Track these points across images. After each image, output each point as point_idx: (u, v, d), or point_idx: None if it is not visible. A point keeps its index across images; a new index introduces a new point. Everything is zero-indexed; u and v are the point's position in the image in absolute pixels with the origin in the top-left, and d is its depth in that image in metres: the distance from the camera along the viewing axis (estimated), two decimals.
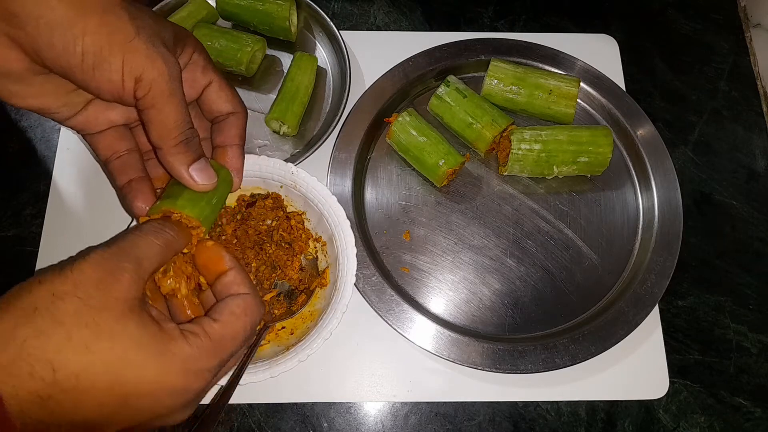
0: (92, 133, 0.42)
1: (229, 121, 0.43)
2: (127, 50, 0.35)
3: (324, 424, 0.54)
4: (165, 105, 0.37)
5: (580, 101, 0.65)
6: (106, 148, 0.42)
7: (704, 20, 0.73)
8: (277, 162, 0.51)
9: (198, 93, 0.42)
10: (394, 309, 0.55)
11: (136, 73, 0.35)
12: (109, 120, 0.42)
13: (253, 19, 0.64)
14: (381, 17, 0.71)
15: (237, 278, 0.38)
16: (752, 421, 0.56)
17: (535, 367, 0.53)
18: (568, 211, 0.62)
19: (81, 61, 0.34)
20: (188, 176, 0.39)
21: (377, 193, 0.61)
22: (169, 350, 0.32)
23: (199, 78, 0.42)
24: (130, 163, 0.42)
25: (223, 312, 0.36)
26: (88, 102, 0.40)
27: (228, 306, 0.36)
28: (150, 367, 0.31)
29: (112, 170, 0.42)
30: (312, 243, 0.54)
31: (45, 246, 0.58)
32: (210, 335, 0.34)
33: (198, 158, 0.40)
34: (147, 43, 0.35)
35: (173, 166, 0.39)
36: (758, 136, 0.68)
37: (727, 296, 0.60)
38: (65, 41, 0.33)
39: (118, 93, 0.36)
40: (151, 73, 0.35)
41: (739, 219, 0.64)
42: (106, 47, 0.34)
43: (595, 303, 0.58)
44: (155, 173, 0.44)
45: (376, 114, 0.62)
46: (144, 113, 0.37)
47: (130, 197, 0.42)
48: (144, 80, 0.35)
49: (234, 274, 0.39)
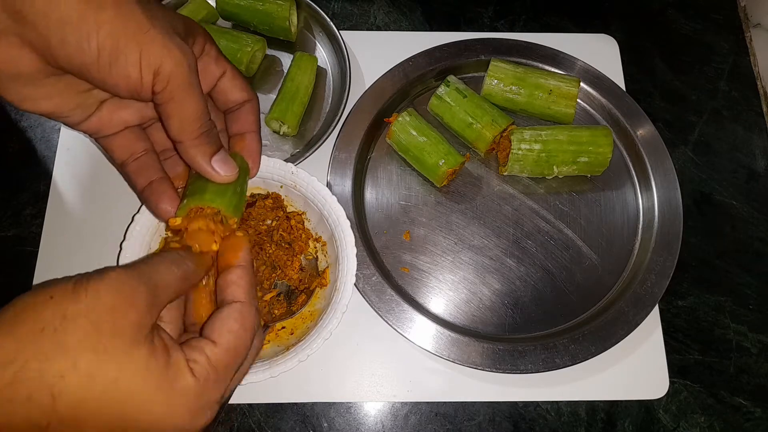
0: (107, 135, 0.41)
1: (245, 109, 0.43)
2: (144, 42, 0.33)
3: (324, 424, 0.54)
4: (185, 97, 0.36)
5: (580, 101, 0.65)
6: (122, 150, 0.41)
7: (704, 20, 0.73)
8: (277, 162, 0.51)
9: (212, 84, 0.42)
10: (394, 309, 0.55)
11: (154, 66, 0.34)
12: (123, 121, 0.41)
13: (253, 19, 0.64)
14: (381, 17, 0.71)
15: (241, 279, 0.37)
16: (752, 421, 0.56)
17: (535, 367, 0.53)
18: (568, 211, 0.62)
19: (97, 57, 0.33)
20: (211, 169, 0.39)
21: (377, 193, 0.61)
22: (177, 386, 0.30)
23: (213, 69, 0.41)
24: (148, 164, 0.42)
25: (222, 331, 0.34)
26: (101, 103, 0.39)
27: (225, 324, 0.34)
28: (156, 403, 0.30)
29: (130, 173, 0.41)
30: (312, 243, 0.54)
31: (45, 246, 0.58)
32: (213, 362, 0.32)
33: (218, 150, 0.39)
34: (162, 35, 0.34)
35: (195, 159, 0.38)
36: (758, 136, 0.68)
37: (727, 296, 0.60)
38: (78, 37, 0.32)
39: (135, 88, 0.35)
40: (169, 65, 0.34)
41: (739, 219, 0.64)
42: (122, 41, 0.33)
43: (595, 303, 0.58)
44: (174, 172, 0.43)
45: (376, 114, 0.62)
46: (163, 107, 0.36)
47: (153, 200, 0.41)
48: (162, 73, 0.34)
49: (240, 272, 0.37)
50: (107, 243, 0.57)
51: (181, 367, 0.31)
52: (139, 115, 0.41)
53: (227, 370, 0.33)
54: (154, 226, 0.50)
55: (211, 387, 0.32)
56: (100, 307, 0.29)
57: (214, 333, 0.34)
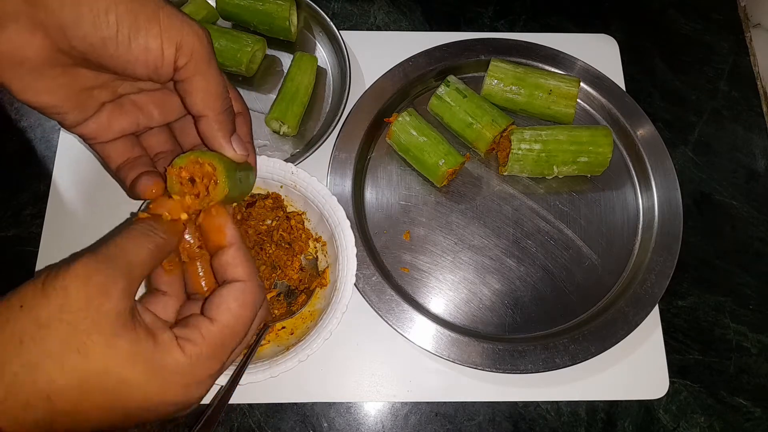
0: (102, 142, 0.40)
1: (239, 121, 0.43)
2: (163, 17, 0.33)
3: (324, 424, 0.54)
4: (208, 71, 0.36)
5: (580, 101, 0.65)
6: (118, 156, 0.41)
7: (704, 20, 0.73)
8: (277, 162, 0.51)
9: None
10: (394, 309, 0.55)
11: (175, 39, 0.33)
12: (120, 128, 0.40)
13: (253, 19, 0.64)
14: (381, 17, 0.71)
15: (236, 259, 0.36)
16: (752, 421, 0.56)
17: (535, 367, 0.53)
18: (568, 211, 0.62)
19: (116, 31, 0.32)
20: (230, 146, 0.39)
21: (377, 193, 0.61)
22: (167, 366, 0.31)
23: None
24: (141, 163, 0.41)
25: (220, 309, 0.34)
26: (101, 105, 0.39)
27: (224, 301, 0.34)
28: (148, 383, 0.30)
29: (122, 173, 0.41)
30: (312, 243, 0.54)
31: (45, 246, 0.58)
32: (207, 340, 0.32)
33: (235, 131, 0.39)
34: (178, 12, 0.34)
35: (216, 136, 0.38)
36: (758, 136, 0.68)
37: (727, 296, 0.60)
38: (95, 13, 0.32)
39: (156, 64, 0.34)
40: (191, 39, 0.34)
41: (739, 219, 0.64)
42: (141, 16, 0.32)
43: (595, 303, 0.58)
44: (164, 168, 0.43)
45: (376, 114, 0.62)
46: (187, 82, 0.36)
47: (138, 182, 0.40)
48: (185, 47, 0.34)
49: (234, 252, 0.36)
50: None
51: (170, 346, 0.31)
52: (136, 122, 0.41)
53: (223, 347, 0.34)
54: None
55: (204, 363, 0.32)
56: (73, 304, 0.29)
57: (212, 310, 0.34)
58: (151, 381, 0.30)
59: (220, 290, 0.35)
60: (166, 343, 0.31)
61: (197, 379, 0.32)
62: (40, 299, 0.29)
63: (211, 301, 0.35)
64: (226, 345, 0.34)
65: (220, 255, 0.37)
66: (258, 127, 0.63)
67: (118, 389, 0.30)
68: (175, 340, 0.32)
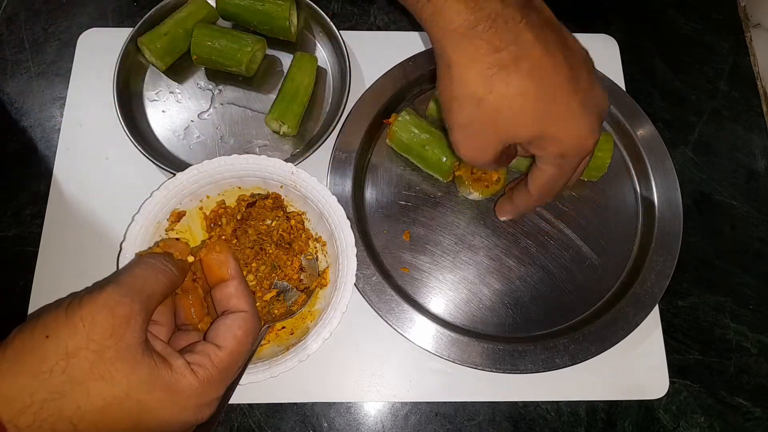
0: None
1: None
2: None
3: (324, 424, 0.54)
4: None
5: None
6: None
7: (704, 20, 0.73)
8: (277, 162, 0.51)
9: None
10: (394, 309, 0.55)
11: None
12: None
13: (253, 19, 0.64)
14: (381, 17, 0.71)
15: (239, 291, 0.41)
16: (752, 421, 0.56)
17: (535, 367, 0.53)
18: (568, 211, 0.62)
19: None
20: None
21: (377, 193, 0.61)
22: (183, 390, 0.34)
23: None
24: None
25: (226, 337, 0.38)
26: None
27: (230, 330, 0.38)
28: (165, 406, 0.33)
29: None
30: (312, 243, 0.54)
31: (45, 246, 0.58)
32: (217, 365, 0.36)
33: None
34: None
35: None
36: (758, 136, 0.68)
37: (727, 296, 0.60)
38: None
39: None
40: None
41: (739, 219, 0.64)
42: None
43: (595, 303, 0.58)
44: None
45: (376, 114, 0.62)
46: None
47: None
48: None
49: (237, 285, 0.41)
50: (107, 243, 0.57)
51: (184, 372, 0.34)
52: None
53: (229, 370, 0.37)
54: (154, 226, 0.50)
55: (214, 385, 0.36)
56: (100, 333, 0.31)
57: (219, 338, 0.38)
58: (168, 404, 0.33)
59: (224, 320, 0.39)
60: (180, 368, 0.34)
61: (208, 400, 0.36)
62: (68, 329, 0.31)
63: (216, 329, 0.38)
64: (231, 368, 0.37)
65: (222, 287, 0.41)
66: (258, 127, 0.63)
67: (138, 412, 0.32)
68: (188, 366, 0.35)
